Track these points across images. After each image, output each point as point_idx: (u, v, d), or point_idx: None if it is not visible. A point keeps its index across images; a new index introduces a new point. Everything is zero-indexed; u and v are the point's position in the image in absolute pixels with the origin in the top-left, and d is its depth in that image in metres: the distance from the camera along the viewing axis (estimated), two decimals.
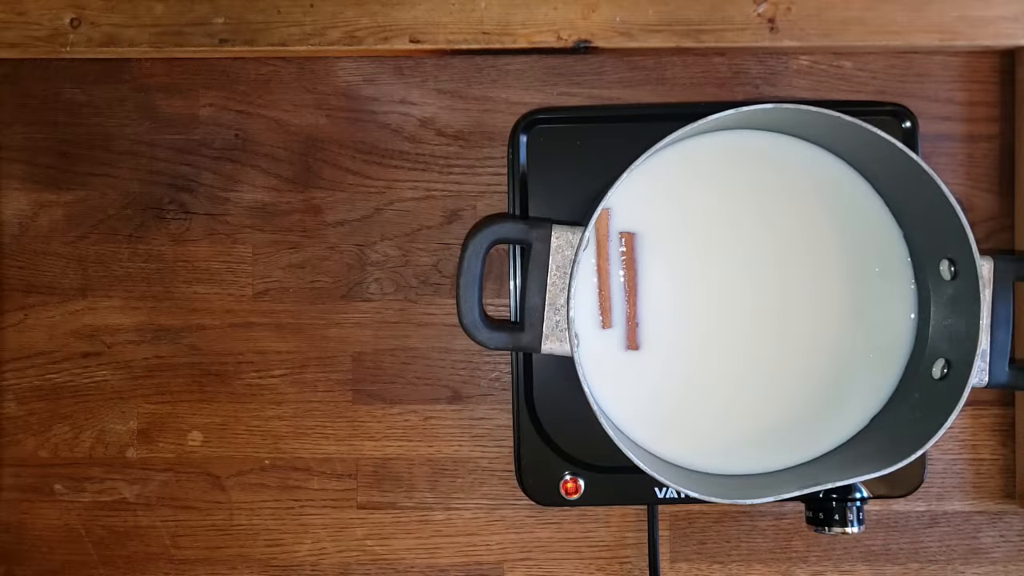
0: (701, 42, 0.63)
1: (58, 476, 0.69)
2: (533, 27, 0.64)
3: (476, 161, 0.68)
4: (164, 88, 0.68)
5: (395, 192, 0.68)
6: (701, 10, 0.63)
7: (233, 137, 0.68)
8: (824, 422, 0.63)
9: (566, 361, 0.58)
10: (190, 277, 0.68)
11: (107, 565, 0.69)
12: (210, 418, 0.68)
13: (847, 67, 0.67)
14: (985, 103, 0.68)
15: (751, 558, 0.69)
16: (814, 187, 0.63)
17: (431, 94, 0.68)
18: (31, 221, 0.69)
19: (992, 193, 0.68)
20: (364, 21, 0.64)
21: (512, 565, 0.69)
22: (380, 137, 0.68)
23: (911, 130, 0.65)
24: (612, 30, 0.64)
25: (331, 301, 0.68)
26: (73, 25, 0.64)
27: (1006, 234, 0.67)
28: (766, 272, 0.63)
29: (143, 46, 0.64)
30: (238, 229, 0.68)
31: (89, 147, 0.68)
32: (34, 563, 0.69)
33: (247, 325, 0.68)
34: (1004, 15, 0.64)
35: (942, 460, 0.68)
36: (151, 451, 0.69)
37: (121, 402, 0.69)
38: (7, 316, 0.69)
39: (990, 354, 0.59)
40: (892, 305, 0.63)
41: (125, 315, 0.68)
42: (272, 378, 0.68)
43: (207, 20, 0.64)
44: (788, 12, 0.64)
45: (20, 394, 0.69)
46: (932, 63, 0.68)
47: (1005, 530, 0.68)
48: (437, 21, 0.64)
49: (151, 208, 0.68)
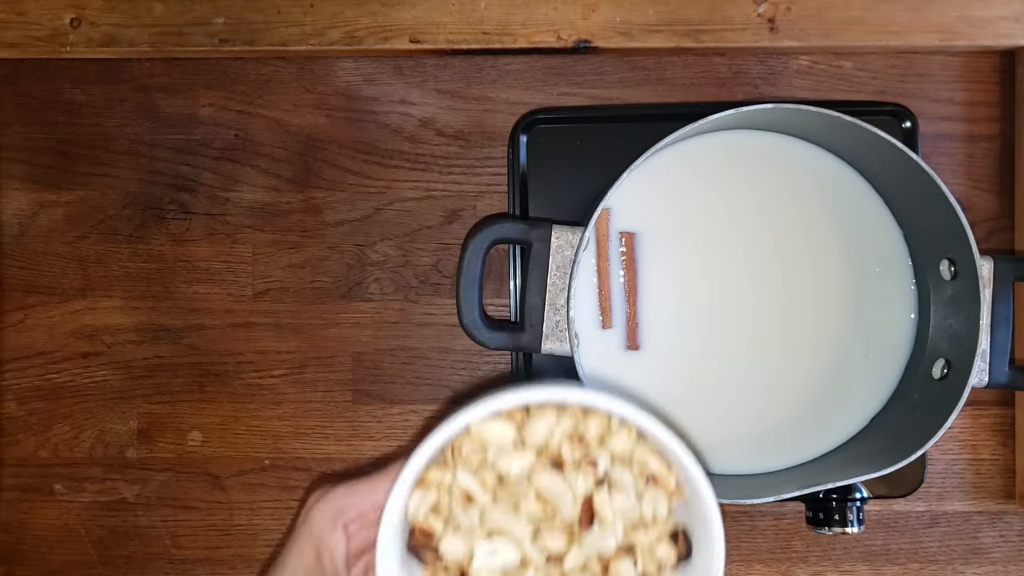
0: (701, 42, 0.63)
1: (58, 476, 0.69)
2: (533, 27, 0.64)
3: (476, 161, 0.68)
4: (164, 88, 0.68)
5: (395, 192, 0.68)
6: (701, 10, 0.63)
7: (233, 137, 0.68)
8: (824, 422, 0.63)
9: (566, 361, 0.58)
10: (190, 277, 0.68)
11: (107, 565, 0.69)
12: (210, 418, 0.68)
13: (847, 67, 0.67)
14: (985, 103, 0.68)
15: (751, 558, 0.69)
16: (814, 187, 0.63)
17: (431, 94, 0.68)
18: (31, 221, 0.69)
19: (992, 193, 0.68)
20: (364, 21, 0.64)
21: None
22: (380, 137, 0.68)
23: (911, 130, 0.65)
24: (612, 30, 0.64)
25: (331, 301, 0.68)
26: (73, 25, 0.64)
27: (1006, 234, 0.67)
28: (766, 272, 0.63)
29: (143, 46, 0.64)
30: (238, 229, 0.68)
31: (89, 147, 0.68)
32: (34, 563, 0.69)
33: (247, 325, 0.68)
34: (1004, 15, 0.64)
35: (942, 460, 0.68)
36: (151, 451, 0.69)
37: (121, 402, 0.69)
38: (7, 316, 0.69)
39: (990, 354, 0.59)
40: (892, 305, 0.63)
41: (125, 315, 0.68)
42: (272, 378, 0.68)
43: (207, 20, 0.64)
44: (788, 12, 0.64)
45: (20, 394, 0.69)
46: (932, 63, 0.68)
47: (1005, 530, 0.68)
48: (437, 21, 0.64)
49: (151, 208, 0.68)
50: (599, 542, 0.45)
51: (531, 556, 0.44)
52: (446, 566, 0.45)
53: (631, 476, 0.46)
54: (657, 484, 0.46)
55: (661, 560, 0.46)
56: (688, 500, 0.46)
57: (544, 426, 0.45)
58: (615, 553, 0.45)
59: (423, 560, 0.45)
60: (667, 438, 0.44)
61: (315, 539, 0.46)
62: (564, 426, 0.45)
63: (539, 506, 0.45)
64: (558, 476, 0.45)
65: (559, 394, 0.44)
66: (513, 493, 0.45)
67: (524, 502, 0.45)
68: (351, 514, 0.46)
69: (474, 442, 0.45)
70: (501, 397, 0.44)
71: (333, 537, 0.45)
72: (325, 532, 0.45)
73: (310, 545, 0.46)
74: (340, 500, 0.46)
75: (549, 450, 0.45)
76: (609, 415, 0.46)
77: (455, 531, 0.45)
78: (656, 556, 0.46)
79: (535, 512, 0.45)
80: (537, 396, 0.45)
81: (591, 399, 0.44)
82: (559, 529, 0.45)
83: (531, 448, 0.45)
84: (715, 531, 0.44)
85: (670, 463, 0.46)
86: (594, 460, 0.45)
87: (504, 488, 0.45)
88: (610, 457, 0.46)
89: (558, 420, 0.46)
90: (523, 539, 0.45)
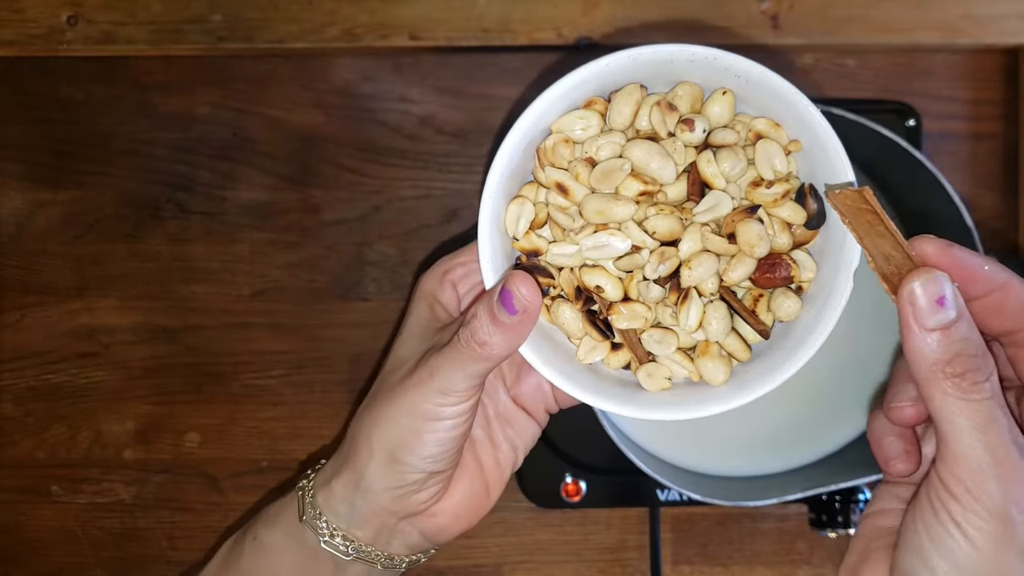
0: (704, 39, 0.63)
1: (55, 477, 0.68)
2: (533, 24, 0.63)
3: (476, 159, 0.68)
4: (161, 86, 0.68)
5: (394, 190, 0.68)
6: (703, 7, 0.63)
7: (231, 135, 0.68)
8: (827, 424, 0.63)
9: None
10: (187, 277, 0.68)
11: (104, 566, 0.68)
12: (207, 419, 0.68)
13: (850, 65, 0.67)
14: (989, 101, 0.67)
15: (754, 560, 0.68)
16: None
17: (430, 92, 0.67)
18: (28, 220, 0.68)
19: (996, 192, 0.67)
20: (363, 18, 0.63)
21: (512, 568, 0.68)
22: (379, 135, 0.68)
23: (915, 128, 0.64)
24: (613, 27, 0.63)
25: (329, 301, 0.68)
26: (70, 23, 0.64)
27: (1011, 233, 0.67)
28: None
29: (140, 44, 0.64)
30: (236, 228, 0.68)
31: (86, 146, 0.68)
32: (31, 565, 0.68)
33: (244, 325, 0.68)
34: (1008, 13, 0.63)
35: None
36: (148, 452, 0.68)
37: (118, 403, 0.68)
38: (4, 316, 0.68)
39: None
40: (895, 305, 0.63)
41: (122, 315, 0.68)
42: (269, 379, 0.68)
43: (204, 17, 0.64)
44: (791, 9, 0.63)
45: (17, 394, 0.68)
46: (936, 61, 0.67)
47: None
48: (436, 18, 0.63)
49: (148, 207, 0.68)
50: (717, 209, 0.41)
51: (644, 242, 0.41)
52: (560, 286, 0.42)
53: (735, 135, 0.42)
54: (768, 140, 0.42)
55: (788, 222, 0.42)
56: (808, 161, 0.42)
57: (630, 104, 0.41)
58: (736, 213, 0.41)
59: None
60: (779, 83, 0.41)
61: (427, 298, 0.46)
62: (652, 100, 0.42)
63: (640, 184, 0.40)
64: (654, 146, 0.41)
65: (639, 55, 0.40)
66: (610, 179, 0.41)
67: (623, 186, 0.41)
68: (458, 272, 0.46)
69: (557, 139, 0.42)
70: (568, 77, 0.41)
71: (443, 292, 0.46)
72: (435, 288, 0.46)
73: (423, 304, 0.46)
74: (445, 263, 0.47)
75: (639, 129, 0.42)
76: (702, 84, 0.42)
77: (559, 239, 0.42)
78: (782, 218, 0.41)
79: (637, 193, 0.41)
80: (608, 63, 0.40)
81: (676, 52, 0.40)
82: (668, 210, 0.41)
83: (619, 129, 0.42)
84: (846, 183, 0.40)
85: (780, 122, 0.42)
86: (691, 122, 0.41)
87: (600, 177, 0.41)
88: (708, 122, 0.42)
89: (644, 98, 0.42)
90: (629, 225, 0.41)
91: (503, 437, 0.47)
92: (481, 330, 0.40)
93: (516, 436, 0.48)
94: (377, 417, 0.43)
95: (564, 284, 0.42)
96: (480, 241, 0.42)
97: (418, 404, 0.42)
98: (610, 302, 0.42)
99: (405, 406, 0.42)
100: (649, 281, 0.41)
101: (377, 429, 0.43)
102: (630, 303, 0.42)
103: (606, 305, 0.42)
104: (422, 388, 0.41)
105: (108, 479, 0.68)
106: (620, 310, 0.42)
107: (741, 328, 0.43)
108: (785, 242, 0.42)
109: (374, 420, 0.43)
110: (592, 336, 0.43)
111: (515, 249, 0.43)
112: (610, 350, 0.43)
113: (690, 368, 0.43)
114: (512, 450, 0.47)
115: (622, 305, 0.42)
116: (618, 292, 0.41)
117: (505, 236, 0.43)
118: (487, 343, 0.40)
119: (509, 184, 0.42)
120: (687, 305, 0.41)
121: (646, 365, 0.43)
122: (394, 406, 0.42)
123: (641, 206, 0.41)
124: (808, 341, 0.42)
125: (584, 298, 0.42)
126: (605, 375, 0.44)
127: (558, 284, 0.43)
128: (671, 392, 0.43)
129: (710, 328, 0.42)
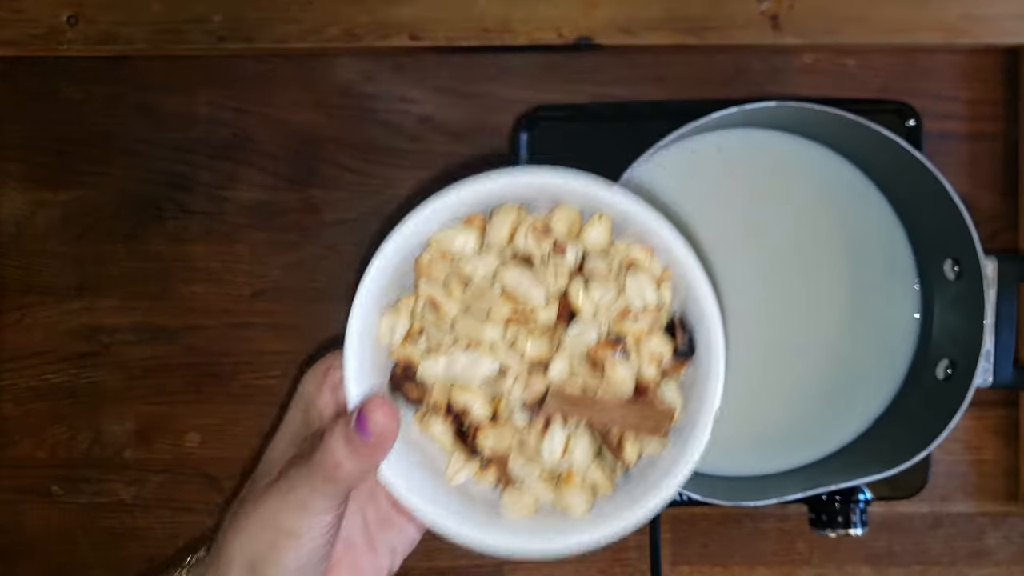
0: (704, 39, 0.63)
1: (55, 477, 0.68)
2: (534, 24, 0.63)
3: (476, 159, 0.67)
4: (162, 86, 0.68)
5: (394, 190, 0.68)
6: (704, 7, 0.63)
7: (231, 135, 0.68)
8: (827, 423, 0.63)
9: None
10: (187, 277, 0.68)
11: (104, 567, 0.68)
12: (207, 419, 0.68)
13: (851, 65, 0.67)
14: (990, 101, 0.67)
15: (754, 560, 0.68)
16: (817, 186, 0.63)
17: (431, 91, 0.67)
18: (28, 220, 0.68)
19: (996, 192, 0.67)
20: (363, 18, 0.63)
21: (512, 568, 0.68)
22: (379, 135, 0.68)
23: (915, 128, 0.64)
24: (614, 27, 0.63)
25: (329, 301, 0.68)
26: (70, 23, 0.64)
27: (1011, 233, 0.67)
28: (768, 271, 0.63)
29: (141, 44, 0.64)
30: (236, 228, 0.68)
31: (86, 146, 0.68)
32: (31, 565, 0.68)
33: (245, 325, 0.68)
34: (1009, 13, 0.63)
35: (946, 461, 0.68)
36: (148, 452, 0.68)
37: (118, 403, 0.68)
38: (4, 316, 0.68)
39: (994, 354, 0.59)
40: (895, 305, 0.63)
41: (122, 315, 0.68)
42: (270, 379, 0.68)
43: (205, 17, 0.64)
44: (791, 9, 0.63)
45: (17, 394, 0.68)
46: (936, 61, 0.67)
47: (1009, 532, 0.68)
48: (437, 18, 0.63)
49: (148, 207, 0.68)
50: (582, 337, 0.41)
51: (511, 364, 0.41)
52: (432, 401, 0.42)
53: (608, 266, 0.42)
54: (639, 270, 0.42)
55: (655, 354, 0.42)
56: (680, 291, 0.42)
57: (506, 224, 0.42)
58: (601, 345, 0.41)
59: (408, 398, 0.42)
60: (651, 219, 0.40)
61: (304, 402, 0.45)
62: (528, 222, 0.42)
63: (510, 307, 0.41)
64: (526, 271, 0.41)
65: (518, 179, 0.41)
66: (483, 299, 0.41)
67: (495, 307, 0.41)
68: (338, 375, 0.45)
69: (434, 252, 0.42)
70: (450, 192, 0.41)
71: (320, 396, 0.45)
72: (312, 392, 0.45)
73: (299, 406, 0.45)
74: (329, 360, 0.45)
75: (515, 250, 0.42)
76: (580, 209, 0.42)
77: (432, 353, 0.42)
78: (650, 350, 0.42)
79: (507, 315, 0.41)
80: (490, 184, 0.41)
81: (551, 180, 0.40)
82: (538, 333, 0.41)
83: (495, 249, 0.42)
84: (711, 320, 0.40)
85: (654, 250, 0.42)
86: (562, 247, 0.41)
87: (473, 296, 0.41)
88: (583, 249, 0.42)
89: (522, 219, 0.42)
90: (498, 346, 0.41)
91: (381, 540, 0.46)
92: (336, 452, 0.40)
93: (396, 539, 0.47)
94: (239, 527, 0.42)
95: (438, 397, 0.42)
96: (346, 356, 0.41)
97: (277, 518, 0.41)
98: (478, 422, 0.42)
99: (267, 518, 0.41)
100: (515, 405, 0.42)
101: (238, 539, 0.42)
102: (498, 425, 0.42)
103: (475, 425, 0.42)
104: (281, 502, 0.41)
105: (108, 479, 0.68)
106: (487, 431, 0.42)
107: (608, 457, 0.43)
108: (652, 374, 0.42)
109: (236, 529, 0.42)
110: (461, 453, 0.43)
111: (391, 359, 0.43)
112: (479, 468, 0.43)
113: (554, 496, 0.43)
114: (390, 553, 0.46)
115: (490, 426, 0.42)
116: (486, 412, 0.42)
117: (379, 346, 0.43)
118: (341, 466, 0.39)
119: (386, 292, 0.43)
120: (550, 432, 0.41)
121: (510, 490, 0.43)
122: (255, 517, 0.41)
123: (512, 326, 0.41)
124: (672, 472, 0.42)
125: (453, 415, 0.42)
126: (473, 496, 0.44)
127: (431, 397, 0.43)
128: (533, 519, 0.43)
129: (573, 456, 0.42)
